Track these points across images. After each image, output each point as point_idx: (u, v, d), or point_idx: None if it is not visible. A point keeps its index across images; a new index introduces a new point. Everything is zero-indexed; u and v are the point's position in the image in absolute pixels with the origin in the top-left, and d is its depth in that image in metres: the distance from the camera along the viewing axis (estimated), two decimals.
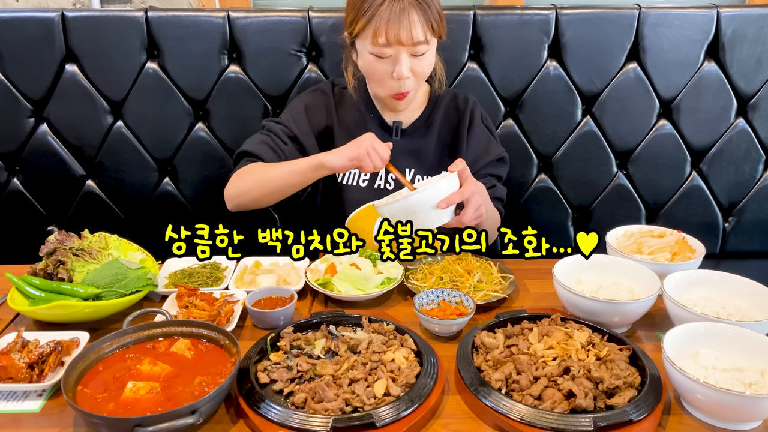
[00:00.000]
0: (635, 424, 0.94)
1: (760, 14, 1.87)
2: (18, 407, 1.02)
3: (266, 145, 1.56)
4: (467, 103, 1.63)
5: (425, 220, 1.28)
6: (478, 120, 1.63)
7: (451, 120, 1.62)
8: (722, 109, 1.94)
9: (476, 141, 1.61)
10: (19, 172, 1.93)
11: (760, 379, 0.98)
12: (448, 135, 1.62)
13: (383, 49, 1.39)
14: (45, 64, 1.82)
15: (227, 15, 1.82)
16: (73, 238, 1.35)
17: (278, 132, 1.58)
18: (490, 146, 1.62)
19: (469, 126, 1.61)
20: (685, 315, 1.13)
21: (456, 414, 1.02)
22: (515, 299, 1.39)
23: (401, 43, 1.38)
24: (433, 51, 1.46)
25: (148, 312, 1.21)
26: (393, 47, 1.39)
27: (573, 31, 1.85)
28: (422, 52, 1.41)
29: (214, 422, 0.99)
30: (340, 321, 1.21)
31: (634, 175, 1.99)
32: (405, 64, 1.41)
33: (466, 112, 1.61)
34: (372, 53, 1.42)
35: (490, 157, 1.61)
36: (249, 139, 1.60)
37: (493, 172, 1.62)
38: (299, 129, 1.59)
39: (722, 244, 2.07)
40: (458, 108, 1.63)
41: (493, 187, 1.60)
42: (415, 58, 1.42)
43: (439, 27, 1.43)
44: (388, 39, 1.37)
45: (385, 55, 1.41)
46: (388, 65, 1.42)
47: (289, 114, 1.62)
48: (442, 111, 1.62)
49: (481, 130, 1.63)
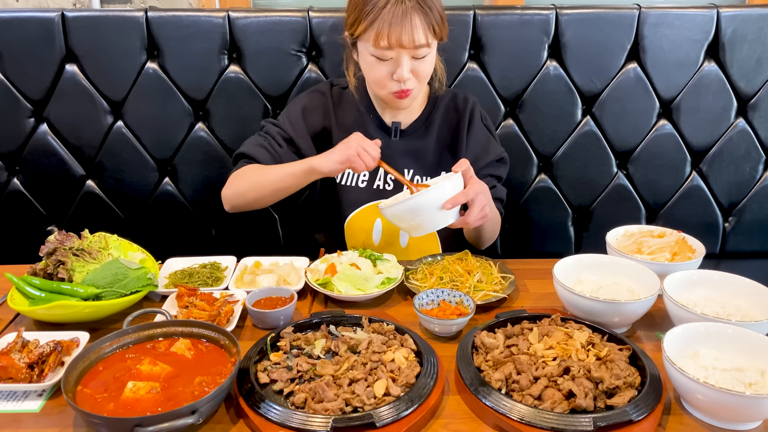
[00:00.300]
0: (635, 424, 0.94)
1: (760, 14, 1.87)
2: (18, 407, 1.02)
3: (262, 148, 1.57)
4: (467, 103, 1.62)
5: (430, 222, 1.28)
6: (477, 120, 1.63)
7: (451, 120, 1.62)
8: (722, 109, 1.93)
9: (476, 141, 1.61)
10: (19, 172, 1.93)
11: (760, 379, 0.98)
12: (448, 135, 1.62)
13: (385, 52, 1.40)
14: (45, 64, 1.82)
15: (227, 15, 1.81)
16: (73, 238, 1.35)
17: (274, 134, 1.59)
18: (489, 146, 1.62)
19: (469, 126, 1.61)
20: (685, 315, 1.13)
21: (456, 414, 1.02)
22: (515, 299, 1.39)
23: (403, 46, 1.38)
24: (434, 53, 1.46)
25: (148, 312, 1.21)
26: (394, 50, 1.39)
27: (573, 31, 1.85)
28: (423, 55, 1.42)
29: (214, 422, 0.99)
30: (340, 321, 1.21)
31: (634, 175, 1.99)
32: (406, 66, 1.41)
33: (466, 112, 1.61)
34: (373, 55, 1.42)
35: (490, 157, 1.61)
36: (247, 140, 1.61)
37: (493, 172, 1.62)
38: (295, 131, 1.60)
39: (722, 244, 2.07)
40: (458, 108, 1.63)
41: (494, 188, 1.60)
42: (416, 60, 1.42)
43: (441, 29, 1.43)
44: (389, 42, 1.37)
45: (386, 57, 1.41)
46: (389, 67, 1.42)
47: (286, 116, 1.63)
48: (442, 111, 1.62)
49: (481, 130, 1.63)
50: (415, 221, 1.29)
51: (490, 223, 1.51)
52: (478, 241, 1.61)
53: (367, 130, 1.58)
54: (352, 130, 1.58)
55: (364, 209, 1.60)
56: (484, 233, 1.56)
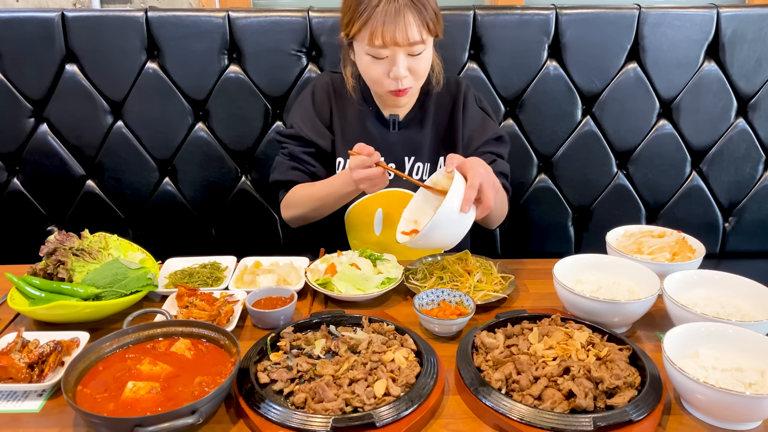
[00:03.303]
0: (635, 424, 0.94)
1: (760, 14, 1.87)
2: (18, 407, 1.02)
3: (297, 171, 1.60)
4: (459, 87, 1.63)
5: (457, 230, 1.27)
6: (471, 101, 1.63)
7: (445, 105, 1.63)
8: (722, 109, 1.93)
9: (471, 121, 1.62)
10: (19, 172, 1.93)
11: (760, 379, 0.98)
12: (444, 120, 1.62)
13: (380, 51, 1.40)
14: (45, 64, 1.82)
15: (227, 15, 1.82)
16: (73, 238, 1.35)
17: (299, 154, 1.59)
18: (486, 125, 1.63)
19: (464, 108, 1.62)
20: (685, 315, 1.13)
21: (456, 414, 1.02)
22: (515, 299, 1.39)
23: (397, 44, 1.38)
24: (430, 49, 1.47)
25: (148, 312, 1.21)
26: (389, 48, 1.39)
27: (573, 31, 1.85)
28: (419, 52, 1.42)
29: (214, 422, 0.99)
30: (340, 321, 1.21)
31: (634, 175, 1.99)
32: (402, 64, 1.41)
33: (459, 95, 1.62)
34: (369, 54, 1.42)
35: (487, 135, 1.61)
36: (276, 165, 1.63)
37: (492, 150, 1.61)
38: (315, 133, 1.60)
39: (722, 244, 2.07)
40: (450, 92, 1.63)
41: (494, 162, 1.57)
42: (412, 57, 1.42)
43: (435, 26, 1.43)
44: (384, 40, 1.38)
45: (381, 56, 1.42)
46: (386, 65, 1.43)
47: (300, 121, 1.61)
48: (435, 98, 1.63)
49: (475, 111, 1.63)
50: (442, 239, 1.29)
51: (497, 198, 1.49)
52: (487, 221, 1.59)
53: (366, 124, 1.60)
54: (351, 122, 1.60)
55: (364, 200, 1.60)
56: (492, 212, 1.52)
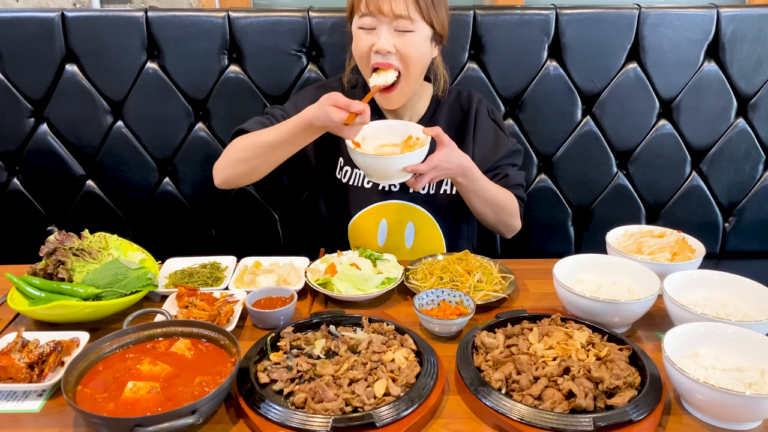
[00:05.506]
0: (635, 424, 0.94)
1: (760, 14, 1.87)
2: (18, 407, 1.02)
3: (262, 124, 1.53)
4: (471, 101, 1.63)
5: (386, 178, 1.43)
6: (484, 116, 1.63)
7: (456, 119, 1.62)
8: (722, 109, 1.93)
9: (484, 138, 1.61)
10: (19, 172, 1.93)
11: (760, 379, 0.98)
12: (454, 134, 1.61)
13: (365, 20, 1.42)
14: (45, 64, 1.82)
15: (227, 15, 1.81)
16: (73, 238, 1.35)
17: (277, 116, 1.56)
18: (499, 142, 1.62)
19: (476, 124, 1.61)
20: (685, 315, 1.13)
21: (456, 414, 1.02)
22: (515, 299, 1.39)
23: (382, 13, 1.39)
24: (422, 36, 1.44)
25: (148, 312, 1.21)
26: (375, 17, 1.41)
27: (573, 31, 1.85)
28: (405, 29, 1.41)
29: (214, 422, 0.99)
30: (340, 321, 1.21)
31: (634, 175, 1.99)
32: (384, 35, 1.41)
33: (471, 110, 1.62)
34: (359, 27, 1.44)
35: (501, 152, 1.61)
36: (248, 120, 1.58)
37: (507, 162, 1.62)
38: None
39: (722, 244, 2.07)
40: (462, 107, 1.63)
41: (506, 177, 1.59)
42: (399, 34, 1.42)
43: (429, 10, 1.43)
44: (369, 8, 1.40)
45: (366, 27, 1.43)
46: (371, 38, 1.43)
47: (292, 103, 1.62)
48: (446, 110, 1.62)
49: (489, 126, 1.63)
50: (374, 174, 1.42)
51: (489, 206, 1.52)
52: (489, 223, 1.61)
53: None
54: None
55: (369, 210, 1.60)
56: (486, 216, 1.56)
